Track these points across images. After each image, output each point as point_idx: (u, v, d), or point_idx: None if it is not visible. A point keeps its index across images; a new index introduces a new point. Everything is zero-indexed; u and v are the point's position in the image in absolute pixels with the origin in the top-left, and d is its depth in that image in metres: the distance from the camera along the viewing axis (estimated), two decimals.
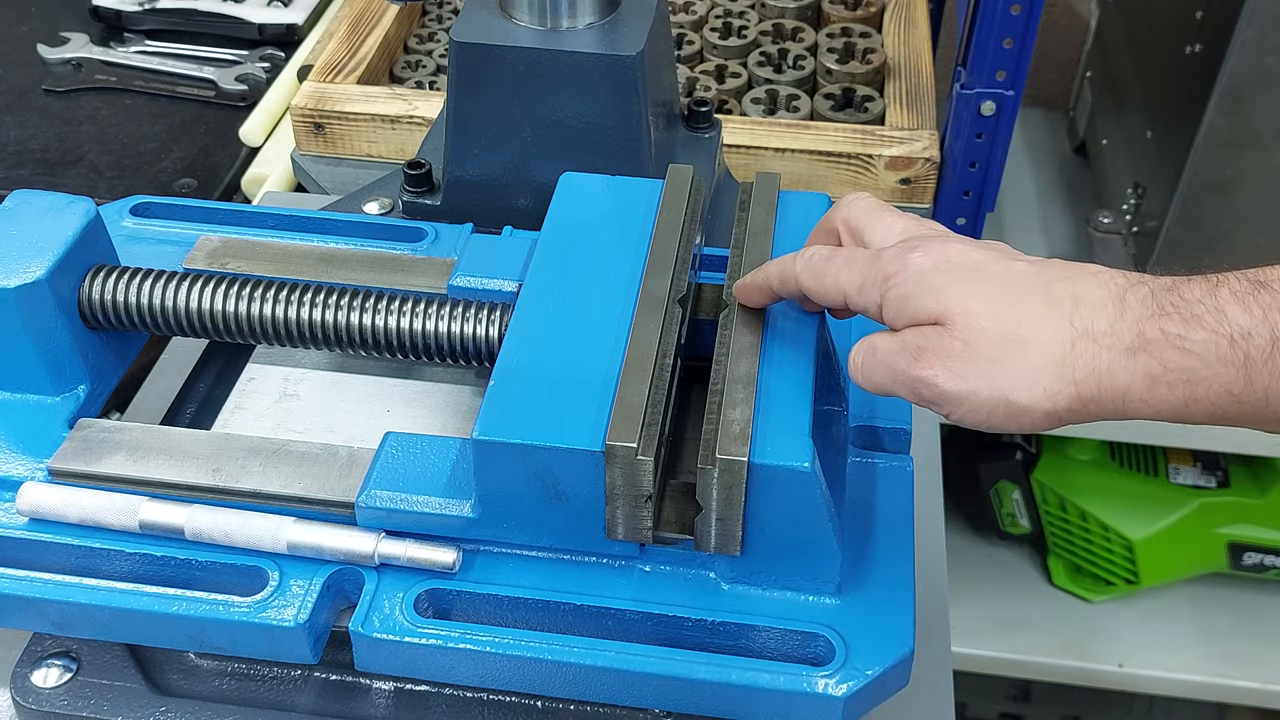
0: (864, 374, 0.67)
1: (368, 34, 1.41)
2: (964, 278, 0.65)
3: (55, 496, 0.76)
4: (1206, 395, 0.60)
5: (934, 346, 0.63)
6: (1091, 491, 1.77)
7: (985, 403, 0.63)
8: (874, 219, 0.72)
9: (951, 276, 0.65)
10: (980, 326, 0.63)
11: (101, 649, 0.80)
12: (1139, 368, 0.61)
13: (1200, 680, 1.75)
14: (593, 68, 0.98)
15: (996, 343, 0.62)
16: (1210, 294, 0.61)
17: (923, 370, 0.63)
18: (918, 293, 0.65)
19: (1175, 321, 0.60)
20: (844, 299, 0.69)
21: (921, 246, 0.67)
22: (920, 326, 0.64)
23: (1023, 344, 0.62)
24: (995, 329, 0.63)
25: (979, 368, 0.62)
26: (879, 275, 0.67)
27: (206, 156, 1.42)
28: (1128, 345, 0.61)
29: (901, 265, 0.66)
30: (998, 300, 0.63)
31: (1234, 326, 0.59)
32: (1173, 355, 0.60)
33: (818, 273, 0.70)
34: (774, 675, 0.69)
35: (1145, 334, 0.61)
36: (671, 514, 0.72)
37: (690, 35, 1.45)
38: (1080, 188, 1.65)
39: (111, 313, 0.83)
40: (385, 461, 0.75)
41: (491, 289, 0.85)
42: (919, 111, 1.31)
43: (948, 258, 0.66)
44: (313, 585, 0.73)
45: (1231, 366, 0.59)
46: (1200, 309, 0.60)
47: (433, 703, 0.79)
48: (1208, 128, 1.24)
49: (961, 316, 0.63)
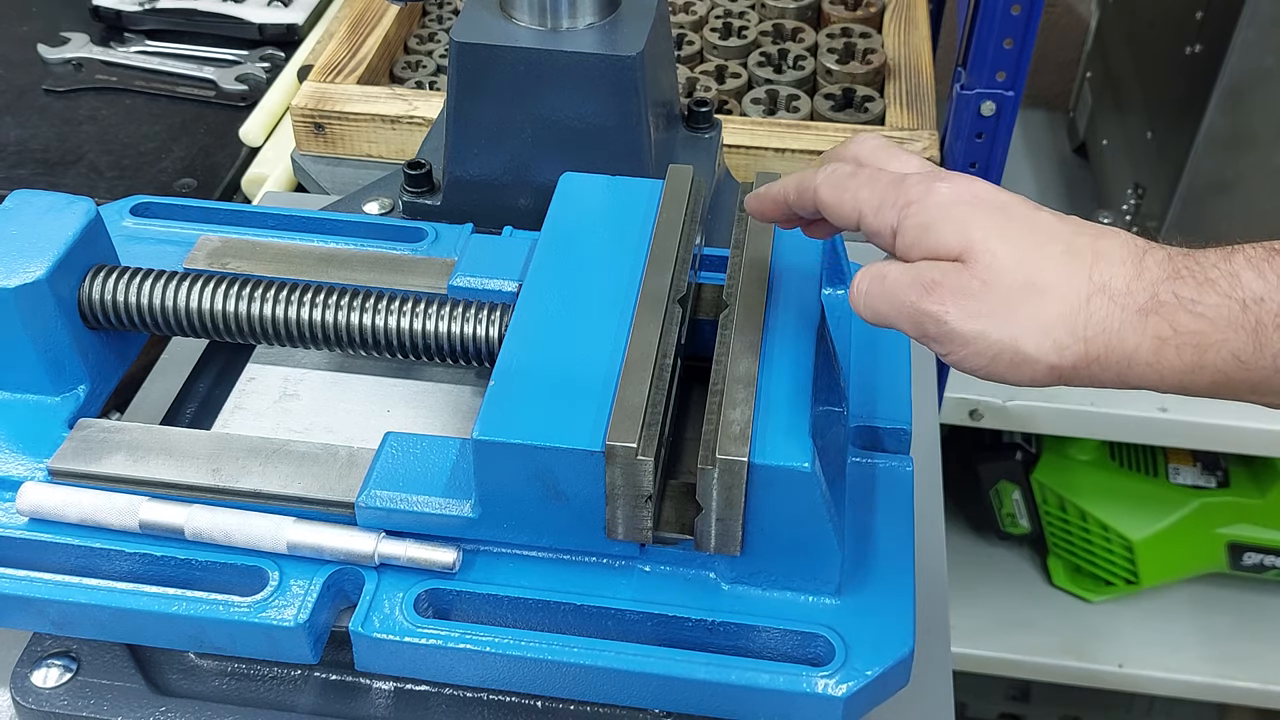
0: (866, 301, 0.65)
1: (368, 34, 1.41)
2: (990, 216, 0.63)
3: (55, 496, 0.76)
4: (1214, 362, 0.60)
5: (950, 282, 0.62)
6: (1091, 491, 1.77)
7: (992, 347, 0.61)
8: (888, 157, 0.70)
9: (978, 212, 0.63)
10: (1001, 267, 0.61)
11: (101, 649, 0.80)
12: (1149, 329, 0.60)
13: (1200, 680, 1.76)
14: (593, 68, 0.98)
15: (1015, 287, 0.61)
16: (1225, 259, 0.60)
17: (934, 305, 0.62)
18: (940, 223, 0.63)
19: (1189, 285, 0.60)
20: (858, 218, 0.66)
21: (949, 178, 0.65)
22: (937, 261, 0.63)
23: (1040, 292, 0.61)
24: (1015, 272, 0.61)
25: (993, 310, 0.61)
26: (900, 198, 0.64)
27: (206, 156, 1.42)
28: (1141, 306, 0.60)
29: (926, 192, 0.64)
30: (1021, 244, 0.62)
31: (1247, 291, 0.59)
32: (1184, 319, 0.60)
33: (838, 186, 0.67)
34: (774, 675, 0.69)
35: (1159, 296, 0.60)
36: (671, 514, 0.72)
37: (690, 35, 1.45)
38: (1080, 188, 1.65)
39: (111, 313, 0.83)
40: (385, 461, 0.75)
41: (491, 289, 0.85)
42: (919, 112, 1.31)
43: (975, 193, 0.64)
44: (313, 585, 0.73)
45: (1242, 331, 0.59)
46: (1215, 273, 0.60)
47: (433, 703, 0.79)
48: (1208, 128, 1.24)
49: (984, 255, 0.61)
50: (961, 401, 1.57)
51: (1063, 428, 1.59)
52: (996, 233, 0.62)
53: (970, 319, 0.61)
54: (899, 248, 0.64)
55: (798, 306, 0.77)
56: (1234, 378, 0.60)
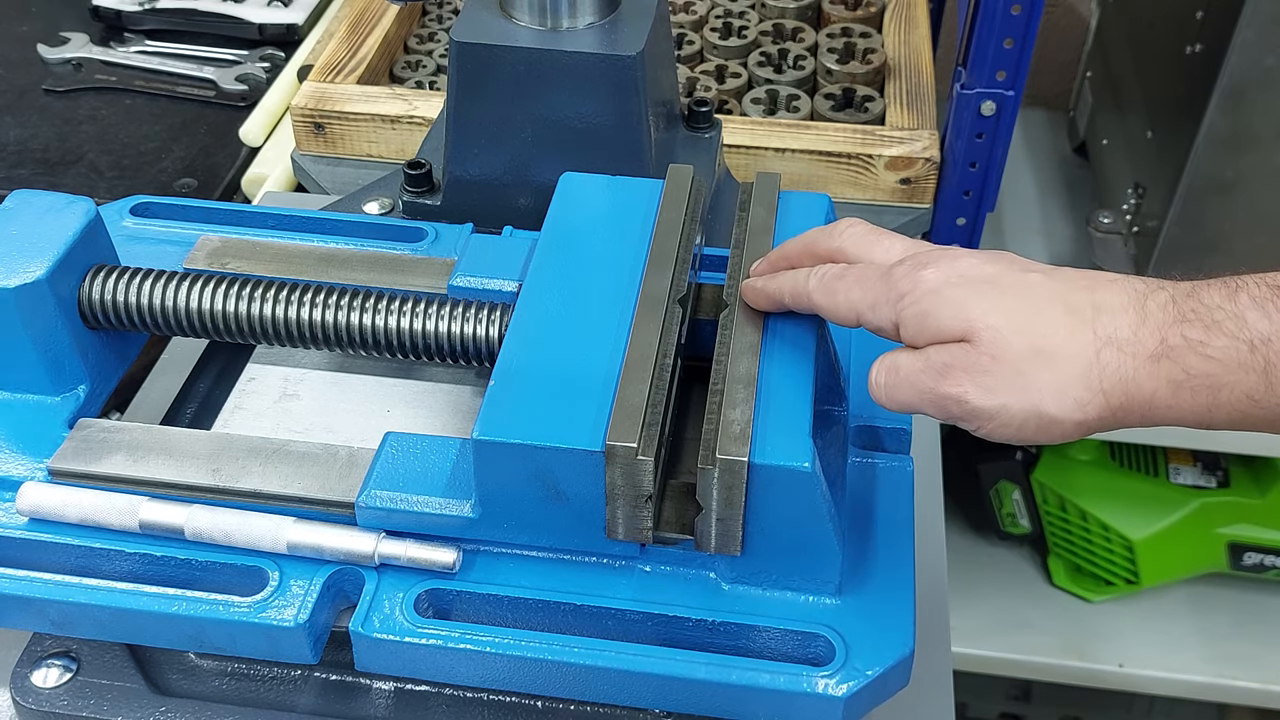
0: (888, 394, 0.67)
1: (368, 34, 1.41)
2: (982, 291, 0.64)
3: (55, 496, 0.76)
4: (1229, 401, 0.60)
5: (961, 363, 0.63)
6: (1091, 491, 1.77)
7: (1017, 416, 0.62)
8: (872, 245, 0.71)
9: (969, 290, 0.64)
10: (1006, 340, 0.62)
11: (101, 649, 0.80)
12: (1163, 374, 0.61)
13: (1200, 680, 1.75)
14: (593, 68, 0.98)
15: (1023, 356, 0.62)
16: (1229, 299, 0.61)
17: (951, 388, 0.63)
18: (937, 309, 0.64)
19: (1196, 328, 0.61)
20: (856, 317, 0.68)
21: (932, 263, 0.66)
22: (944, 344, 0.64)
23: (1049, 356, 0.62)
24: (1020, 342, 0.62)
25: (1009, 381, 0.62)
26: (892, 294, 0.66)
27: (206, 156, 1.42)
28: (1151, 352, 0.61)
29: (915, 283, 0.65)
30: (1019, 313, 0.63)
31: (1254, 332, 0.60)
32: (1195, 361, 0.60)
33: (830, 291, 0.69)
34: (774, 675, 0.69)
35: (1168, 340, 0.61)
36: (671, 514, 0.72)
37: (690, 35, 1.45)
38: (1080, 188, 1.65)
39: (111, 313, 0.83)
40: (385, 461, 0.75)
41: (491, 289, 0.85)
42: (919, 111, 1.31)
43: (960, 272, 0.65)
44: (313, 585, 0.73)
45: (1252, 373, 0.60)
46: (1220, 314, 0.60)
47: (433, 703, 0.79)
48: (1208, 128, 1.24)
49: (986, 331, 0.63)
50: None
51: None
52: (992, 307, 0.63)
53: (989, 394, 0.62)
54: (904, 338, 0.66)
55: None
56: (1251, 415, 0.61)
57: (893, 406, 0.67)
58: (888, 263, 0.69)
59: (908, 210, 1.26)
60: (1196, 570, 1.80)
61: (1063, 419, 0.62)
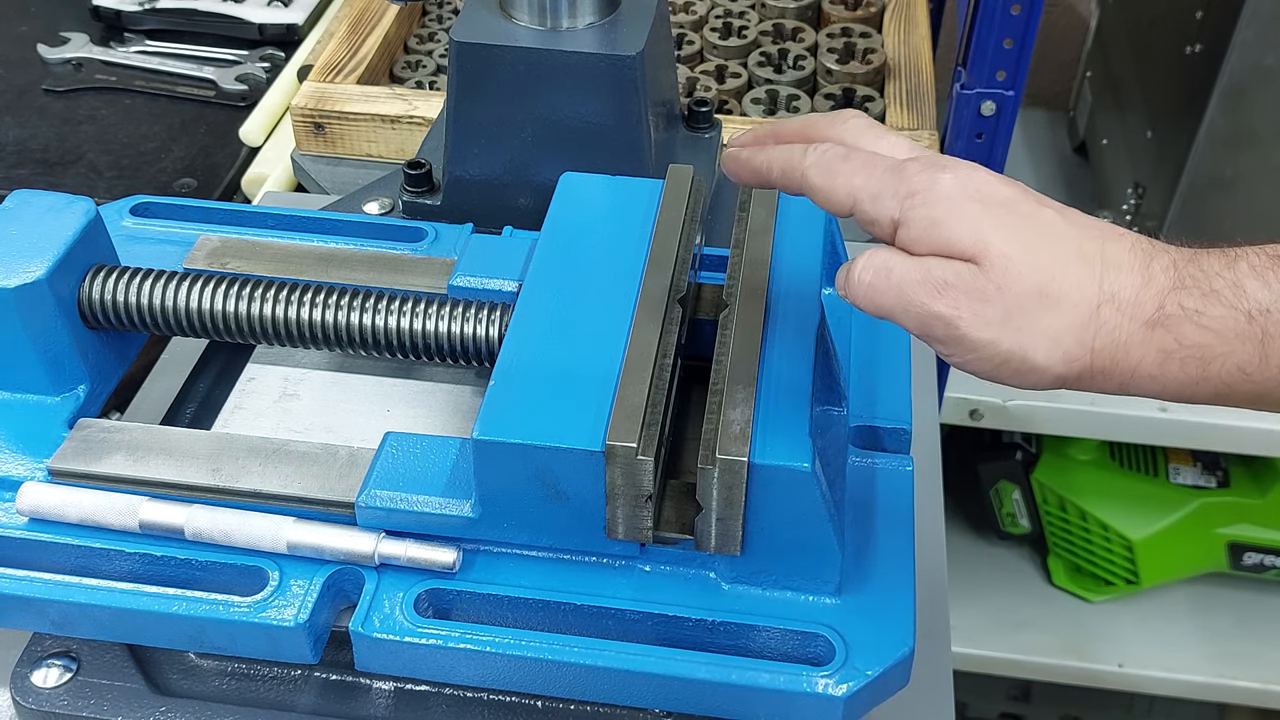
0: (868, 293, 0.61)
1: (368, 34, 1.41)
2: (999, 215, 0.60)
3: (55, 496, 0.76)
4: (1218, 374, 0.59)
5: (964, 284, 0.59)
6: (1091, 491, 1.77)
7: (1000, 354, 0.59)
8: (875, 139, 0.66)
9: (987, 210, 0.60)
10: (1016, 272, 0.59)
11: (101, 649, 0.80)
12: (1154, 343, 0.59)
13: (1200, 680, 1.76)
14: (593, 68, 0.98)
15: (1029, 294, 0.59)
16: (1229, 267, 0.59)
17: (945, 308, 0.59)
18: (950, 220, 0.60)
19: (1194, 296, 0.59)
20: (852, 205, 0.63)
21: (951, 168, 0.61)
22: (949, 259, 0.60)
23: (1054, 301, 0.59)
24: (1029, 279, 0.59)
25: (1006, 317, 0.59)
26: (901, 188, 0.61)
27: (206, 156, 1.42)
28: (1148, 318, 0.59)
29: (930, 184, 0.60)
30: (1033, 247, 0.59)
31: (1253, 302, 0.58)
32: (1190, 331, 0.59)
33: (829, 170, 0.63)
34: (774, 675, 0.69)
35: (1165, 308, 0.59)
36: (671, 514, 0.72)
37: (690, 35, 1.45)
38: (1080, 188, 1.65)
39: (111, 313, 0.83)
40: (385, 461, 0.75)
41: (491, 289, 0.85)
42: (919, 111, 1.31)
43: (978, 186, 0.61)
44: (313, 585, 0.73)
45: (1248, 343, 0.58)
46: (1219, 283, 0.59)
47: (433, 703, 0.79)
48: (1208, 127, 1.24)
49: (999, 259, 0.59)
50: (961, 401, 1.57)
51: (1063, 428, 1.59)
52: (1009, 234, 0.60)
53: (983, 326, 0.59)
54: (902, 240, 0.61)
55: (798, 306, 0.77)
56: (1237, 389, 0.60)
57: (868, 308, 0.62)
58: (894, 157, 0.64)
59: None
60: (1196, 570, 1.80)
61: (1045, 369, 0.59)
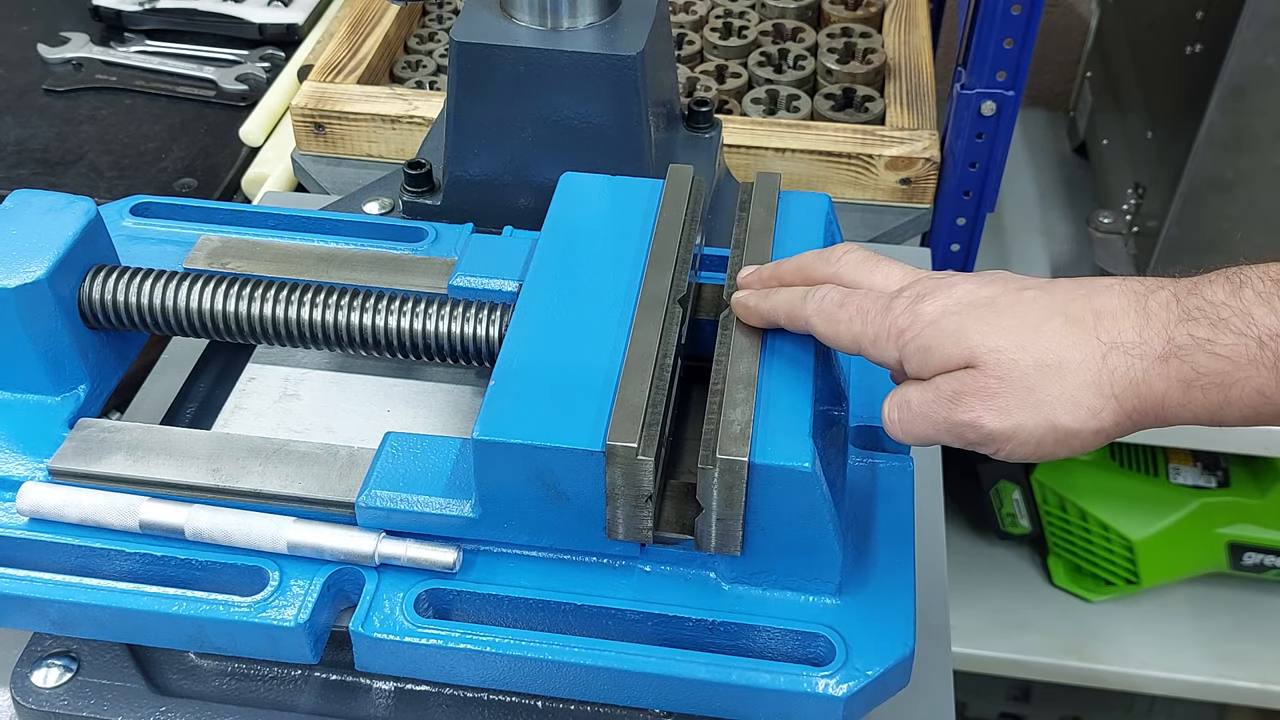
0: (903, 429, 0.67)
1: (368, 34, 1.41)
2: (980, 315, 0.64)
3: (55, 496, 0.76)
4: (1240, 398, 0.60)
5: (970, 388, 0.63)
6: (1091, 491, 1.77)
7: (1034, 433, 0.62)
8: (869, 273, 0.71)
9: (966, 317, 0.64)
10: (1011, 360, 0.62)
11: (101, 649, 0.80)
12: (1172, 374, 0.61)
13: (1200, 680, 1.75)
14: (593, 68, 0.98)
15: (1030, 372, 0.62)
16: (1234, 295, 0.61)
17: (964, 414, 0.63)
18: (938, 341, 0.64)
19: (1203, 326, 0.60)
20: (858, 349, 0.69)
21: (929, 294, 0.66)
22: (951, 372, 0.64)
23: (1056, 368, 0.62)
24: (1026, 359, 0.62)
25: (1020, 400, 0.62)
26: (892, 330, 0.66)
27: (206, 156, 1.42)
28: (1159, 353, 0.61)
29: (914, 317, 0.66)
30: (1019, 331, 0.63)
31: (1261, 328, 0.59)
32: (1204, 359, 0.60)
33: (830, 319, 0.69)
34: (774, 675, 0.69)
35: (1174, 340, 0.61)
36: (671, 514, 0.72)
37: (690, 35, 1.45)
38: (1080, 188, 1.65)
39: (111, 313, 0.83)
40: (385, 461, 0.75)
41: (491, 289, 0.85)
42: (919, 111, 1.31)
43: (957, 299, 0.65)
44: (313, 585, 0.73)
45: (1262, 368, 0.59)
46: (1226, 311, 0.60)
47: (433, 703, 0.79)
48: (1208, 128, 1.24)
49: (989, 354, 0.63)
50: None
51: None
52: (992, 330, 0.63)
53: (1003, 416, 0.62)
54: (910, 372, 0.66)
55: None
56: (1262, 411, 0.61)
57: (911, 441, 0.67)
58: (887, 290, 0.69)
59: (908, 210, 1.26)
60: (1196, 570, 1.80)
61: (1079, 429, 0.62)
